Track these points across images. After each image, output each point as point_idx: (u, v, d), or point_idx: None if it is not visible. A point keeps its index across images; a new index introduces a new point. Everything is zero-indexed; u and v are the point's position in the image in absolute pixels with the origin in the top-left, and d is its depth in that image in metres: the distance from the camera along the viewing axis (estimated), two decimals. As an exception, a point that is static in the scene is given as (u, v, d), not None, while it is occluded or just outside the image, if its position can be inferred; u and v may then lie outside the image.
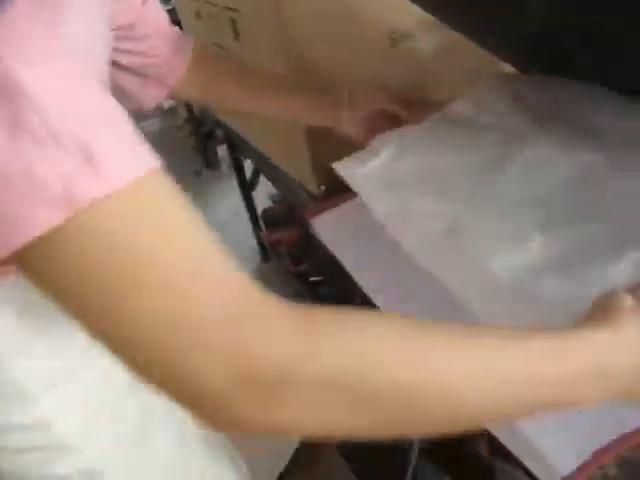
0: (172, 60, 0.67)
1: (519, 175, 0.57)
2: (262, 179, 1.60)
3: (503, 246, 0.50)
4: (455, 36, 0.78)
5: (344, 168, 0.67)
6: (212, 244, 0.29)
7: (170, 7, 1.64)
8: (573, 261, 0.46)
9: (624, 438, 0.42)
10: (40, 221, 0.25)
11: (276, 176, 1.05)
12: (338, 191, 0.81)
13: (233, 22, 0.90)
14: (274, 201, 1.74)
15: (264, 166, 1.12)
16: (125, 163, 0.28)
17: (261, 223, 1.70)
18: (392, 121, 0.72)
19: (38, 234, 0.25)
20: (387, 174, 0.64)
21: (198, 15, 1.09)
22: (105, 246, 0.26)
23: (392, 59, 0.82)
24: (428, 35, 0.84)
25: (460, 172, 0.61)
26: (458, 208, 0.56)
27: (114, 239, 0.26)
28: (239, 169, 1.66)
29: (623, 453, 0.48)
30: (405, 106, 0.73)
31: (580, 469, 0.41)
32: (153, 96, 0.69)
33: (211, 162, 2.41)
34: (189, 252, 0.28)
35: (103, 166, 0.26)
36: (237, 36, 0.91)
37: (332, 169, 0.84)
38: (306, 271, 1.20)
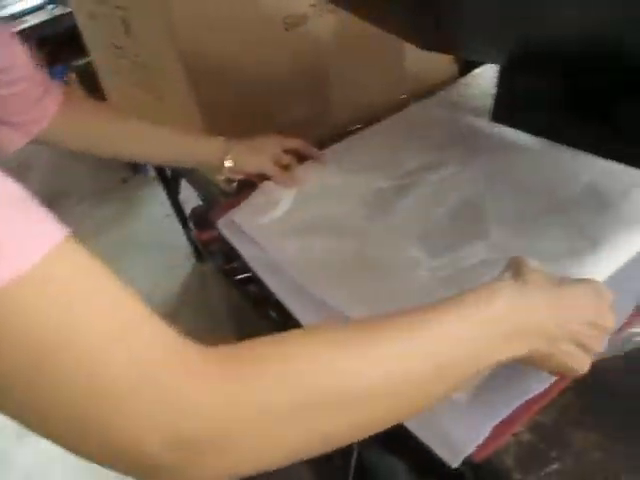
0: (37, 107, 0.64)
1: (409, 211, 0.65)
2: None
3: (398, 273, 0.56)
4: (352, 18, 0.78)
5: (244, 221, 0.70)
6: (124, 303, 0.27)
7: (68, 10, 1.60)
8: (461, 279, 0.52)
9: (527, 406, 0.43)
10: None
11: (192, 176, 1.03)
12: (250, 186, 0.79)
13: (124, 20, 0.87)
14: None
15: (181, 167, 1.09)
16: (26, 243, 0.25)
17: (190, 223, 1.68)
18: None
19: None
20: (287, 223, 0.69)
21: (92, 16, 1.05)
22: (15, 328, 0.24)
23: (287, 44, 0.81)
24: (323, 18, 0.83)
25: (355, 213, 0.67)
26: (356, 245, 0.61)
27: (22, 320, 0.24)
28: (161, 172, 1.63)
29: (535, 417, 0.49)
30: (294, 155, 0.78)
31: (482, 446, 0.41)
32: (14, 143, 0.65)
33: (138, 168, 2.38)
34: (97, 321, 0.26)
35: (4, 251, 0.24)
36: (129, 33, 0.87)
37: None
38: (235, 269, 1.18)
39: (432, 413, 0.43)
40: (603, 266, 0.51)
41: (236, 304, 0.92)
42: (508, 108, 0.79)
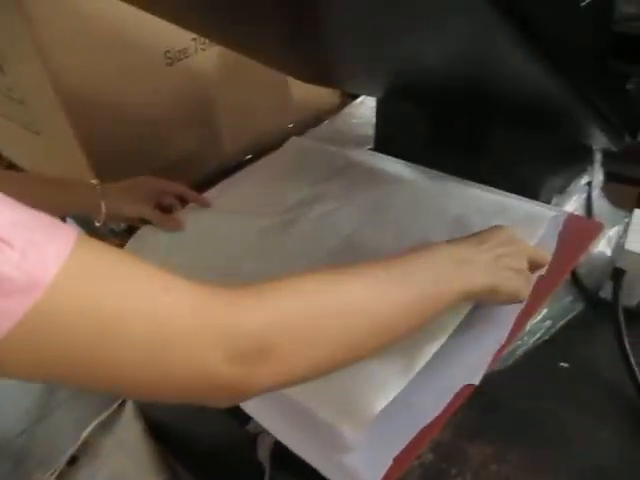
0: None
1: (288, 254, 0.65)
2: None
3: None
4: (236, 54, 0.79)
5: None
6: (154, 270, 0.32)
7: None
8: None
9: (427, 430, 0.45)
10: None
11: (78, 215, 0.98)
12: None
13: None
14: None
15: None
16: (51, 247, 0.28)
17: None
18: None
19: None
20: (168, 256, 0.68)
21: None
22: (72, 321, 0.28)
23: (169, 78, 0.80)
24: (205, 51, 0.83)
25: (237, 257, 0.67)
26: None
27: (77, 313, 0.28)
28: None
29: (435, 437, 0.52)
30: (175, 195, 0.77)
31: (387, 476, 0.42)
32: None
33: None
34: (142, 287, 0.31)
35: (37, 255, 0.27)
36: (3, 73, 0.82)
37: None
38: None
39: (334, 452, 0.44)
40: None
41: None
42: (387, 137, 0.83)
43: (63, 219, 0.77)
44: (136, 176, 0.74)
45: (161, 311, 0.30)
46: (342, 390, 0.47)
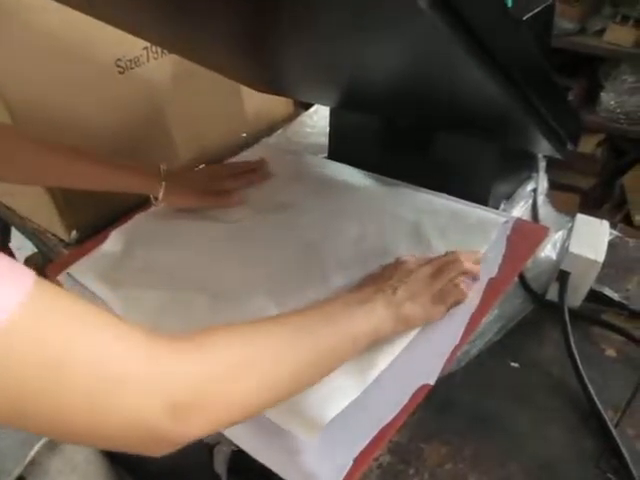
0: None
1: (248, 260, 0.65)
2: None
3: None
4: (189, 62, 0.78)
5: (78, 273, 0.68)
6: (106, 327, 0.32)
7: None
8: None
9: (384, 431, 0.45)
10: None
11: (23, 225, 0.95)
12: (94, 234, 0.75)
13: None
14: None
15: (8, 215, 1.00)
16: (8, 290, 0.28)
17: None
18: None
19: None
20: (116, 272, 0.67)
21: None
22: (19, 363, 0.28)
23: (121, 87, 0.79)
24: (157, 60, 0.82)
25: (195, 261, 0.66)
26: (190, 296, 0.60)
27: (25, 356, 0.28)
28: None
29: (393, 438, 0.52)
30: (226, 177, 0.78)
31: (348, 477, 0.43)
32: None
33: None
34: (86, 340, 0.31)
35: None
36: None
37: (84, 210, 0.79)
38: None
39: (294, 455, 0.44)
40: None
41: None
42: (341, 146, 0.84)
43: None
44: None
45: (107, 360, 0.31)
46: (296, 396, 0.47)
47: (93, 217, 0.81)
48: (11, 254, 1.55)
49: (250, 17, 0.46)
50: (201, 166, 0.87)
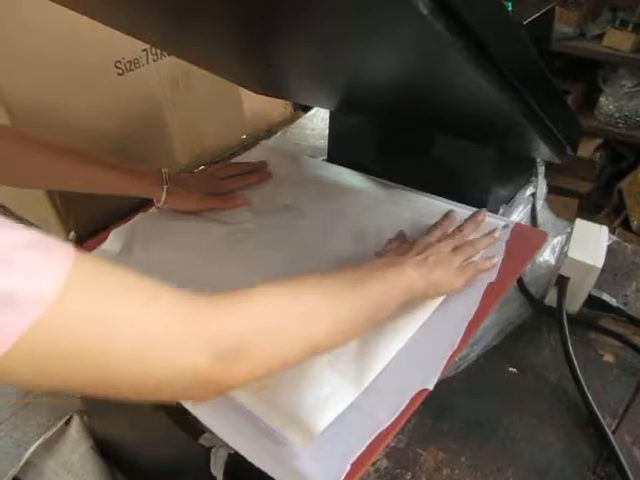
0: None
1: (247, 261, 0.65)
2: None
3: None
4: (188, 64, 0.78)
5: None
6: (145, 289, 0.34)
7: None
8: None
9: (382, 436, 0.45)
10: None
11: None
12: (92, 235, 0.75)
13: None
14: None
15: (4, 215, 1.00)
16: (52, 265, 0.29)
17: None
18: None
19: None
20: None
21: None
22: (71, 333, 0.30)
23: (120, 89, 0.79)
24: (157, 62, 0.82)
25: (194, 263, 0.66)
26: None
27: (76, 326, 0.30)
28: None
29: (390, 443, 0.52)
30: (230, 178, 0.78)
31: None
32: None
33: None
34: (133, 307, 0.33)
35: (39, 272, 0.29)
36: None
37: (82, 211, 0.79)
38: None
39: (290, 460, 0.44)
40: (428, 302, 0.56)
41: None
42: (340, 149, 0.84)
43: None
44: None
45: (152, 318, 0.33)
46: (293, 401, 0.47)
47: (91, 218, 0.80)
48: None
49: (250, 20, 0.46)
50: (201, 167, 0.87)
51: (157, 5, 0.49)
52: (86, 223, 0.80)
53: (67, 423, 0.99)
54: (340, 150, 0.85)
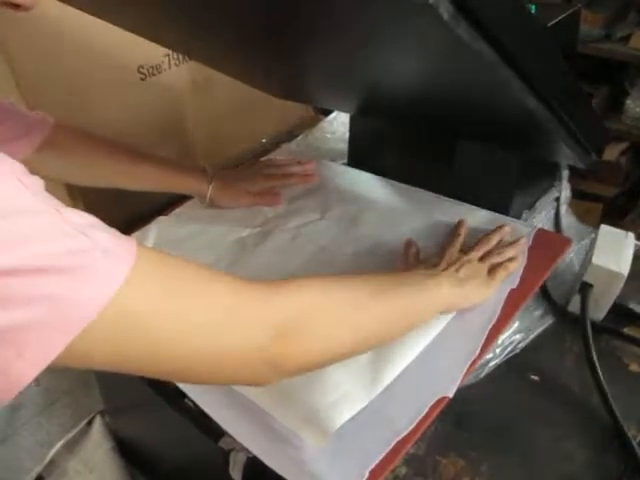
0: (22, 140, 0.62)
1: (264, 263, 0.66)
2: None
3: None
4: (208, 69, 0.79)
5: None
6: (211, 277, 0.37)
7: None
8: None
9: (401, 443, 0.45)
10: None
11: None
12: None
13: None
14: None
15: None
16: (119, 250, 0.30)
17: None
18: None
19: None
20: None
21: None
22: (147, 314, 0.31)
23: (143, 93, 0.80)
24: (179, 67, 0.83)
25: (211, 264, 0.64)
26: None
27: (151, 308, 0.31)
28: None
29: (409, 451, 0.52)
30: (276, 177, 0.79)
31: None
32: None
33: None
34: (202, 294, 0.35)
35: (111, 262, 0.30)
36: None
37: (99, 218, 0.79)
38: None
39: (308, 465, 0.44)
40: None
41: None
42: (360, 152, 0.84)
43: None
44: (108, 191, 0.73)
45: (220, 304, 0.35)
46: (307, 402, 0.47)
47: (115, 220, 0.81)
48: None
49: (272, 27, 0.46)
50: (246, 162, 0.88)
51: (180, 13, 0.49)
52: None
53: (89, 424, 1.00)
54: (360, 154, 0.84)
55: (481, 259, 0.58)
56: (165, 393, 0.57)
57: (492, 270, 0.57)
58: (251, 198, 0.76)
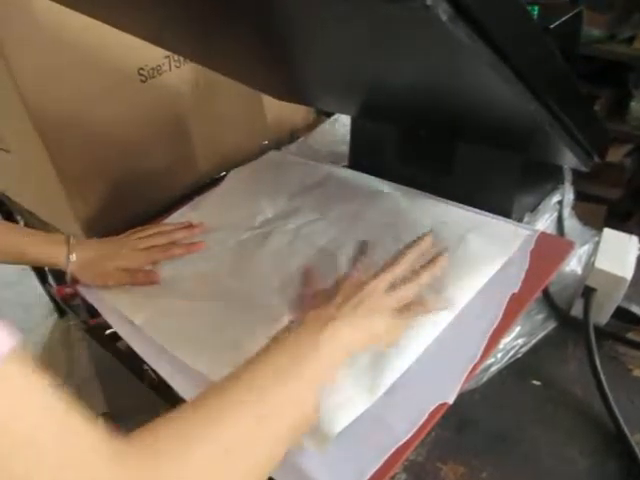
0: None
1: (265, 265, 0.66)
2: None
3: (257, 329, 0.54)
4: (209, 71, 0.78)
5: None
6: (70, 417, 0.30)
7: None
8: None
9: (401, 450, 0.44)
10: None
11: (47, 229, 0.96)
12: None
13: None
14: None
15: (34, 222, 1.02)
16: None
17: (50, 278, 1.56)
18: None
19: None
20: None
21: None
22: None
23: (143, 95, 0.79)
24: (179, 69, 0.82)
25: (216, 269, 0.67)
26: (218, 304, 0.60)
27: None
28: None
29: (409, 457, 0.51)
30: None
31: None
32: None
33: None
34: (55, 433, 0.29)
35: None
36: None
37: (99, 220, 0.79)
38: (102, 324, 1.11)
39: (307, 473, 0.43)
40: (446, 311, 0.55)
41: (104, 360, 0.87)
42: (361, 155, 0.84)
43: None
44: (109, 192, 0.73)
45: (71, 452, 0.29)
46: None
47: (108, 227, 0.81)
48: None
49: (273, 30, 0.46)
50: (126, 233, 0.74)
51: (180, 16, 0.49)
52: (106, 229, 0.81)
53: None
54: (361, 156, 0.84)
55: (390, 291, 0.51)
56: (168, 397, 0.56)
57: (405, 306, 0.51)
58: (122, 277, 0.66)
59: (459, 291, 0.56)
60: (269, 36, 0.50)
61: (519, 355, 0.59)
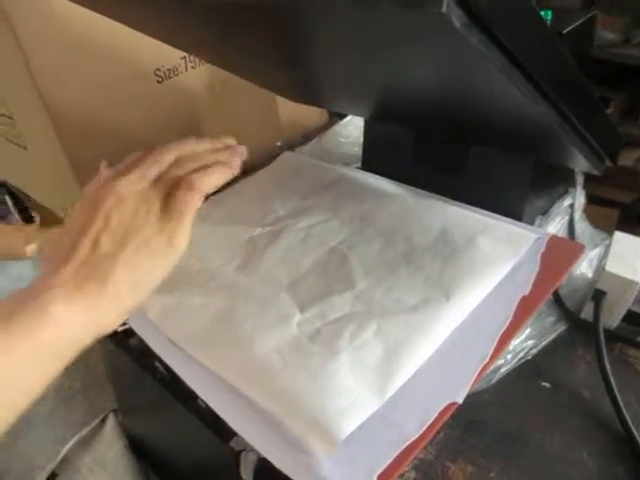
0: None
1: (276, 263, 0.65)
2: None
3: (267, 328, 0.55)
4: (225, 72, 0.79)
5: None
6: None
7: None
8: (326, 332, 0.53)
9: (410, 448, 0.45)
10: None
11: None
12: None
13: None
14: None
15: (50, 219, 1.03)
16: None
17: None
18: None
19: None
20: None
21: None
22: None
23: (159, 96, 0.81)
24: (195, 70, 0.84)
25: (226, 266, 0.66)
26: (227, 302, 0.60)
27: None
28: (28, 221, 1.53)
29: (418, 456, 0.52)
30: None
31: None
32: None
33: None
34: None
35: None
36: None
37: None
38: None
39: (316, 469, 0.44)
40: (456, 313, 0.55)
41: (114, 356, 0.88)
42: (374, 157, 0.84)
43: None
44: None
45: None
46: (315, 408, 0.47)
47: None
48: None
49: (288, 33, 0.47)
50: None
51: (196, 18, 0.50)
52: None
53: (103, 421, 1.01)
54: (374, 158, 0.84)
55: (153, 188, 0.40)
56: (177, 393, 0.57)
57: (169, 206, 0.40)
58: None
59: (469, 293, 0.57)
60: (285, 40, 0.50)
61: (529, 357, 0.60)
